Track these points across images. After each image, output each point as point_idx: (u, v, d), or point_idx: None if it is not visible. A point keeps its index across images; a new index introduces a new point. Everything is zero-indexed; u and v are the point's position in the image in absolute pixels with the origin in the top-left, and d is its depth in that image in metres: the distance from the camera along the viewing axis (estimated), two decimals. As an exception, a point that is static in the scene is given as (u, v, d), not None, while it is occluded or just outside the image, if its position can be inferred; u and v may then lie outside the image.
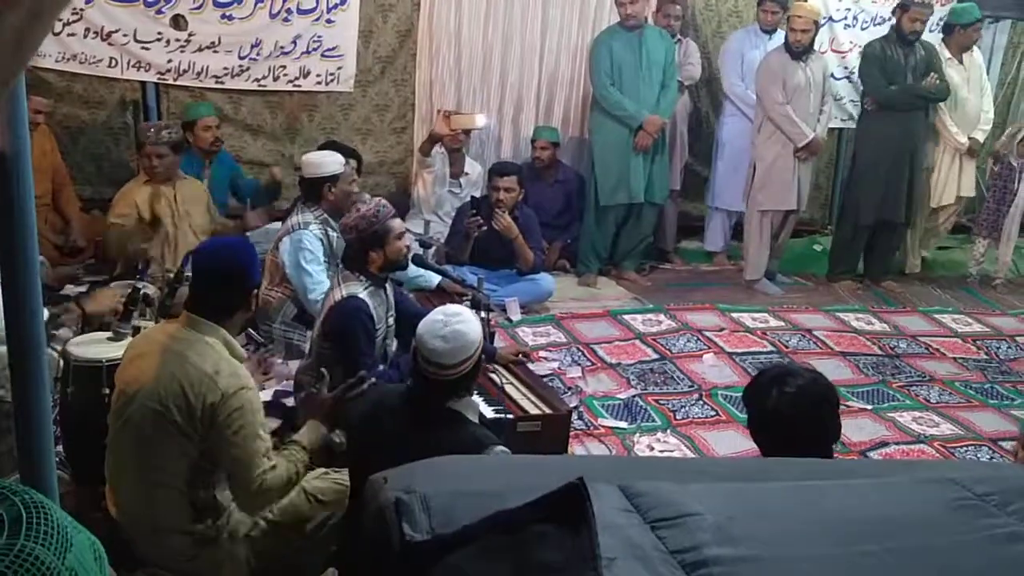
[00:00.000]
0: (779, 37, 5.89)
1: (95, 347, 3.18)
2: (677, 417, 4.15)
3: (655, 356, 4.79)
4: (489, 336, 4.13)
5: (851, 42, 6.60)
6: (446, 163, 5.66)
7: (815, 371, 2.51)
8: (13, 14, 0.59)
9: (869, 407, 4.36)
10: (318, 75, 5.78)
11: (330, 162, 4.30)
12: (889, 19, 6.29)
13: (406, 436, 2.48)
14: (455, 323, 2.51)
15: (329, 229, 4.24)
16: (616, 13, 5.80)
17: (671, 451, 3.87)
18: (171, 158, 4.58)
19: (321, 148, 4.81)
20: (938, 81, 5.84)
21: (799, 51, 5.65)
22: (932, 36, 6.23)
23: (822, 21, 6.04)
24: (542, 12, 6.16)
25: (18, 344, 1.65)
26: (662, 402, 4.28)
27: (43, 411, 1.67)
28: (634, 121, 5.63)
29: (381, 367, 3.47)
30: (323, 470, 2.94)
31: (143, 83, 5.56)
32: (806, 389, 2.33)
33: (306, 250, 4.13)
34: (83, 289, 4.19)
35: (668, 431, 4.02)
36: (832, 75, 6.31)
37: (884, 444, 4.00)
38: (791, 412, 2.30)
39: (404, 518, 0.91)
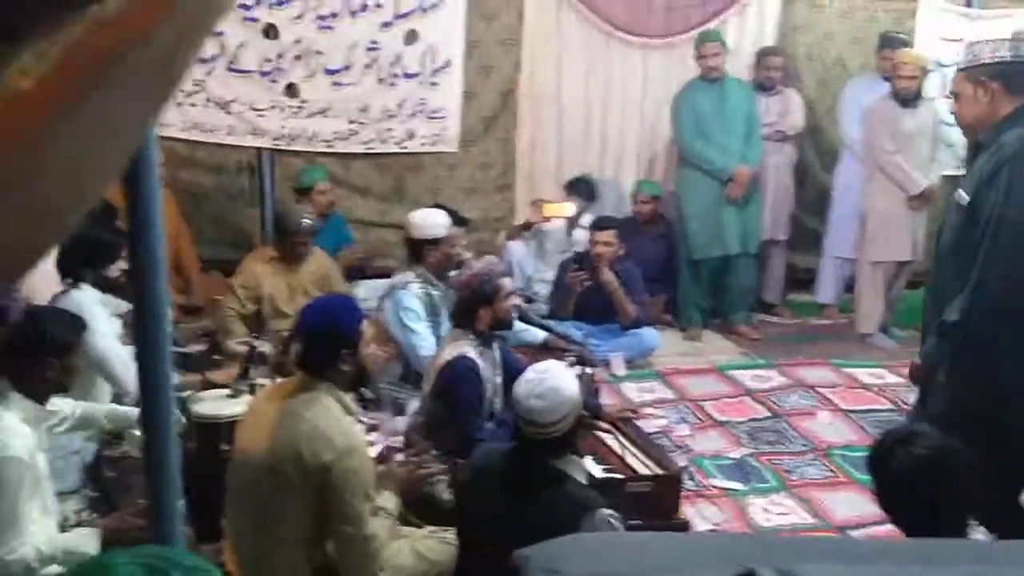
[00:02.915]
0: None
1: (215, 404, 3.29)
2: (792, 478, 4.00)
3: (766, 414, 4.65)
4: (594, 392, 4.10)
5: (964, 87, 6.40)
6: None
7: (947, 437, 2.36)
8: (165, 32, 0.59)
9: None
10: (423, 136, 5.92)
11: (431, 224, 4.32)
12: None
13: (510, 496, 2.47)
14: (549, 380, 2.50)
15: (431, 288, 4.30)
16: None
17: (787, 514, 3.72)
18: (309, 245, 4.70)
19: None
20: None
21: (907, 98, 5.51)
22: None
23: (931, 67, 5.88)
24: (642, 66, 6.20)
25: (149, 404, 1.71)
26: (776, 462, 4.14)
27: (172, 470, 1.73)
28: (723, 174, 5.59)
29: (488, 425, 3.47)
30: (431, 528, 2.94)
31: (259, 149, 5.80)
32: (937, 451, 2.19)
33: (408, 309, 4.19)
34: (202, 347, 4.34)
35: (783, 492, 3.88)
36: (944, 121, 6.10)
37: None
38: (921, 477, 2.16)
39: (552, 601, 0.88)
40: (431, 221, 4.35)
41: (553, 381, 2.50)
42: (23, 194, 0.54)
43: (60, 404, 2.91)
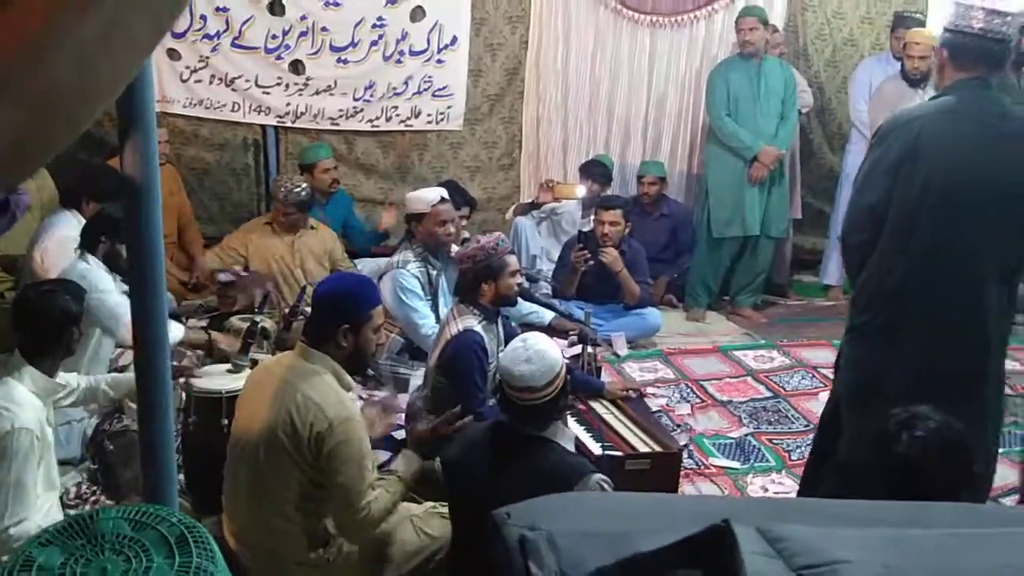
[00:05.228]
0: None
1: (216, 379, 3.30)
2: (792, 458, 4.00)
3: (768, 394, 4.65)
4: (596, 371, 4.10)
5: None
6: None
7: (945, 414, 2.34)
8: (90, 21, 0.60)
9: (1000, 450, 4.10)
10: (429, 114, 5.91)
11: (416, 199, 4.37)
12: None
13: (496, 466, 2.47)
14: (534, 345, 2.54)
15: (429, 267, 4.32)
16: (729, 46, 5.78)
17: (787, 493, 3.72)
18: (296, 216, 4.79)
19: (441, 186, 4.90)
20: None
21: (917, 78, 5.45)
22: None
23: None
24: (650, 44, 6.16)
25: (144, 374, 1.71)
26: (776, 442, 4.14)
27: (167, 440, 1.73)
28: (749, 152, 5.54)
29: (492, 401, 3.47)
30: (431, 504, 2.95)
31: (263, 126, 5.79)
32: (936, 435, 2.17)
33: (405, 289, 4.24)
34: (203, 324, 4.35)
35: (783, 472, 3.88)
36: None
37: (1016, 491, 3.74)
38: (919, 459, 2.13)
39: (530, 557, 0.88)
40: (417, 196, 4.40)
41: (538, 345, 2.54)
42: (35, 84, 0.56)
43: (67, 377, 2.94)
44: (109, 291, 3.35)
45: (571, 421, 3.31)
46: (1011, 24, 2.69)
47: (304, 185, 4.82)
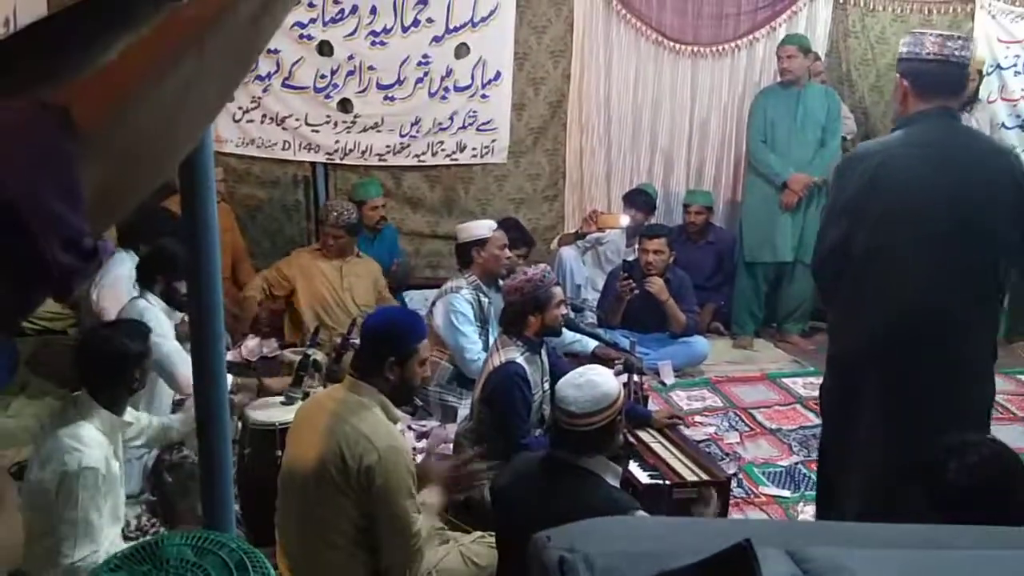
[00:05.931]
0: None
1: (270, 411, 3.38)
2: (843, 486, 3.95)
3: (818, 421, 4.58)
4: (643, 400, 4.12)
5: (1023, 90, 6.27)
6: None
7: (995, 439, 2.32)
8: (248, 5, 0.69)
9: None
10: (474, 148, 6.01)
11: (477, 226, 4.57)
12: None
13: (542, 496, 2.50)
14: (589, 375, 2.58)
15: (481, 295, 4.39)
16: (772, 74, 5.81)
17: (838, 522, 3.69)
18: (345, 240, 4.94)
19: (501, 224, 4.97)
20: None
21: (963, 102, 5.40)
22: None
23: (988, 70, 5.78)
24: (691, 75, 6.21)
25: (203, 406, 1.79)
26: (827, 470, 4.10)
27: (225, 471, 1.80)
28: (778, 178, 5.56)
29: (537, 432, 3.51)
30: (479, 533, 2.98)
31: (313, 163, 5.94)
32: (990, 460, 2.14)
33: (457, 312, 4.32)
34: (254, 358, 4.46)
35: (834, 500, 3.84)
36: (1003, 124, 6.00)
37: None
38: (973, 487, 2.09)
39: (567, 577, 0.92)
40: (475, 224, 4.62)
41: (593, 376, 2.58)
42: (120, 141, 0.64)
43: (135, 414, 3.04)
44: (165, 336, 3.43)
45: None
46: (966, 47, 2.69)
47: (352, 209, 4.99)
